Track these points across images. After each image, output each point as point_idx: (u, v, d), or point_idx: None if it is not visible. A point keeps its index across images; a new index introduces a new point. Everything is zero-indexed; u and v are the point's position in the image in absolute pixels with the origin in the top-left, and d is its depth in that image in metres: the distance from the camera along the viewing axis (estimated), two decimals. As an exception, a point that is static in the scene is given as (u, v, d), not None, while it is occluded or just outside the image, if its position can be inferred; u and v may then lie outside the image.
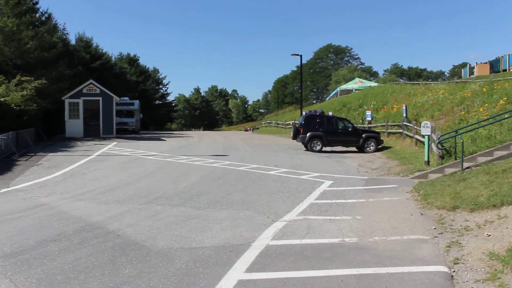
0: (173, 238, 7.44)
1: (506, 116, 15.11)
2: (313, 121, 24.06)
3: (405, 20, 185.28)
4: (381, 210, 9.58)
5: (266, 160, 19.18)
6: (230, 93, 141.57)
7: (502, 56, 42.42)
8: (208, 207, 10.04)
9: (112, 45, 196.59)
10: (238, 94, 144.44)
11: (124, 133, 37.94)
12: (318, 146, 23.59)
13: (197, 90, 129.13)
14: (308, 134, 23.59)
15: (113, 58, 64.04)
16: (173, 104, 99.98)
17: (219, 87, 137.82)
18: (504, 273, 5.47)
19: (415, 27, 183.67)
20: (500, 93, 19.79)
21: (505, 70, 40.09)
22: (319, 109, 27.70)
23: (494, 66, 43.53)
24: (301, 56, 42.10)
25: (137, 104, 43.18)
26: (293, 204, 10.31)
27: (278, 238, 7.42)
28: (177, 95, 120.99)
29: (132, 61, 74.84)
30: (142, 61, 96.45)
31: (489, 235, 7.02)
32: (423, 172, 14.44)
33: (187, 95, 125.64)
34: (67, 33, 40.28)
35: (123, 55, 74.62)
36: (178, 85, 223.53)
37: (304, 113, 27.84)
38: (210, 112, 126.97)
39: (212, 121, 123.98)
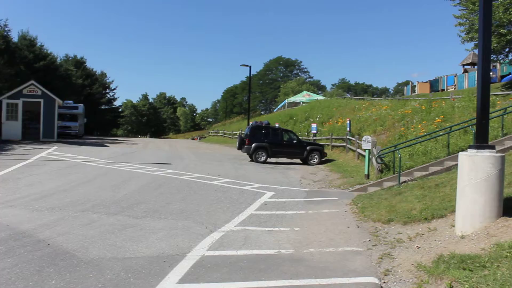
0: (106, 248, 7.22)
1: (441, 133, 15.79)
2: (258, 132, 24.23)
3: (354, 39, 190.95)
4: (320, 222, 9.71)
5: (210, 170, 19.09)
6: (178, 100, 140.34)
7: (441, 77, 44.38)
8: (146, 216, 9.83)
9: (59, 47, 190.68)
10: (187, 102, 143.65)
11: (66, 137, 36.77)
12: (263, 157, 23.73)
13: (145, 97, 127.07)
14: (253, 145, 23.71)
15: (58, 59, 61.85)
16: (120, 110, 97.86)
17: (167, 94, 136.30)
18: (429, 283, 5.64)
19: (363, 46, 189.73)
20: (437, 111, 20.65)
21: (443, 90, 41.94)
22: (265, 120, 27.93)
23: (434, 85, 45.44)
24: (250, 67, 42.45)
25: (82, 108, 41.96)
26: (233, 214, 10.28)
27: (214, 249, 7.35)
28: (125, 101, 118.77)
29: (79, 63, 72.60)
30: (89, 64, 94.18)
31: (419, 247, 7.25)
32: (363, 185, 14.81)
33: (135, 101, 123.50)
34: (9, 30, 38.42)
35: (69, 57, 72.34)
36: (126, 91, 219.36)
37: (250, 123, 28.00)
38: (158, 119, 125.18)
39: (160, 129, 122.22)
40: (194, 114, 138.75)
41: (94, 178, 15.37)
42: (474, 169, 7.07)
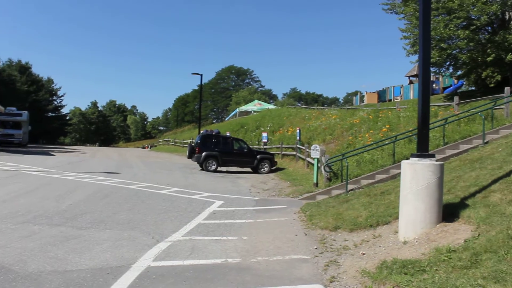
0: (46, 261, 6.93)
1: (387, 142, 16.23)
2: (209, 141, 24.14)
3: (306, 49, 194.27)
4: (268, 231, 9.72)
5: (159, 179, 18.81)
6: (129, 108, 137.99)
7: (388, 87, 45.79)
8: (91, 226, 9.53)
9: (4, 52, 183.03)
10: (137, 110, 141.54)
11: (8, 145, 35.35)
12: (213, 166, 23.64)
13: (94, 104, 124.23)
14: (203, 154, 23.58)
15: (0, 63, 59.50)
16: (68, 118, 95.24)
17: (118, 102, 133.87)
18: (373, 289, 5.76)
19: (315, 56, 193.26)
20: (384, 121, 21.26)
21: (390, 100, 43.27)
22: (215, 129, 27.92)
23: (381, 95, 46.80)
24: (201, 75, 42.32)
25: (26, 115, 40.41)
26: (181, 224, 10.14)
27: (161, 259, 7.21)
28: (73, 108, 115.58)
29: (24, 69, 70.12)
30: (35, 70, 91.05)
31: (364, 254, 7.38)
32: (311, 193, 14.98)
33: (83, 109, 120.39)
34: None
35: (13, 62, 69.71)
36: (75, 98, 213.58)
37: (201, 132, 27.88)
38: (107, 127, 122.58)
39: (109, 137, 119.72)
40: (145, 123, 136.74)
41: (37, 188, 14.80)
42: (415, 177, 7.30)
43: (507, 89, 17.94)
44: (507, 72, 29.05)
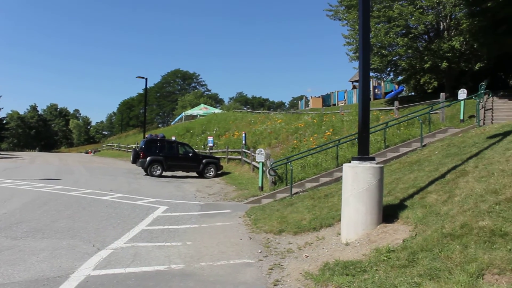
0: (-24, 274, 6.56)
1: (331, 146, 16.55)
2: (153, 146, 23.78)
3: (252, 52, 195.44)
4: (212, 235, 9.66)
5: (101, 185, 18.31)
6: (71, 112, 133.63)
7: (333, 92, 46.79)
8: (27, 236, 9.12)
9: None
10: (80, 114, 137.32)
11: None
12: (158, 171, 23.29)
13: (33, 108, 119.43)
14: (148, 159, 23.20)
15: None
16: (4, 122, 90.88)
17: (59, 106, 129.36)
18: (316, 291, 5.83)
19: (261, 60, 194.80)
20: (328, 125, 21.68)
21: (334, 105, 44.21)
22: (160, 133, 27.52)
23: (326, 100, 47.75)
24: (146, 79, 41.65)
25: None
26: (123, 231, 9.89)
27: (101, 268, 6.98)
28: (10, 112, 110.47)
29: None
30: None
31: (307, 256, 7.47)
32: (257, 197, 15.03)
33: (21, 112, 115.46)
34: None
35: None
36: (12, 101, 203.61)
37: (146, 136, 27.43)
38: (48, 132, 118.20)
39: (50, 142, 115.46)
40: (89, 127, 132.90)
41: (-31, 196, 14.05)
42: (356, 180, 7.47)
43: (442, 94, 18.77)
44: (443, 79, 30.43)
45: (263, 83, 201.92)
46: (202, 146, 33.55)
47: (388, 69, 29.88)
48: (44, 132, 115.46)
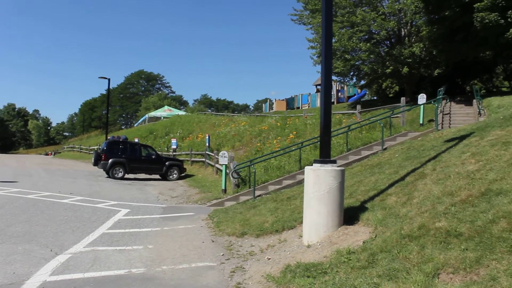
0: None
1: (294, 148, 16.69)
2: (115, 147, 23.40)
3: (217, 54, 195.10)
4: (175, 239, 9.56)
5: (61, 188, 17.87)
6: (30, 113, 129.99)
7: (297, 95, 47.19)
8: (-21, 241, 8.80)
9: None
10: (40, 114, 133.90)
11: None
12: (120, 173, 22.93)
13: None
14: (110, 161, 22.80)
15: None
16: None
17: (17, 106, 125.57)
18: (277, 293, 5.86)
19: (227, 63, 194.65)
20: (291, 128, 21.85)
21: (298, 108, 44.60)
22: (123, 135, 27.12)
23: (290, 103, 48.11)
24: (109, 79, 40.92)
25: None
26: (83, 234, 9.67)
27: (58, 273, 6.80)
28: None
29: None
30: None
31: (269, 259, 7.50)
32: (220, 200, 14.99)
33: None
34: None
35: None
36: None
37: (108, 138, 26.98)
38: (5, 132, 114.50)
39: (7, 143, 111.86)
40: (49, 128, 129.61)
41: None
42: (318, 182, 7.54)
43: (403, 99, 19.20)
44: (404, 84, 31.16)
45: (228, 85, 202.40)
46: (166, 149, 33.22)
47: (351, 73, 30.36)
48: (1, 132, 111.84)
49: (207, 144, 26.03)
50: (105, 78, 40.86)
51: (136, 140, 32.93)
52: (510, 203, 5.99)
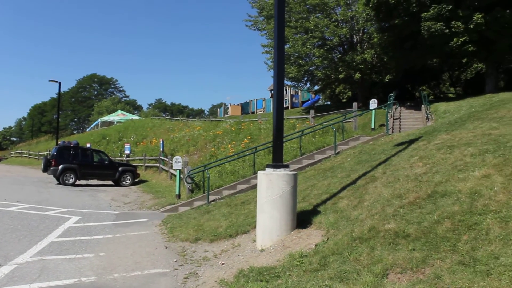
0: None
1: (248, 153, 16.74)
2: (66, 153, 22.75)
3: (172, 58, 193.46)
4: (127, 246, 9.39)
5: (8, 195, 17.20)
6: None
7: (251, 100, 47.38)
8: None
9: None
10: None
11: None
12: (71, 179, 22.31)
13: None
14: (60, 167, 22.15)
15: None
16: None
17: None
18: (230, 299, 5.84)
19: (182, 67, 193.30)
20: (246, 132, 21.91)
21: (253, 113, 44.79)
22: (74, 140, 26.41)
23: (245, 108, 48.25)
24: (60, 83, 39.71)
25: None
26: (30, 243, 9.33)
27: (2, 285, 6.53)
28: None
29: None
30: None
31: (223, 264, 7.48)
32: (174, 205, 14.84)
33: None
34: None
35: None
36: None
37: (59, 143, 26.21)
38: None
39: None
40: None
41: None
42: (271, 187, 7.59)
43: (355, 104, 19.63)
44: (356, 89, 31.90)
45: (184, 90, 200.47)
46: (119, 154, 32.59)
47: (305, 78, 30.82)
48: None
49: (161, 149, 25.72)
50: (56, 81, 39.65)
51: (88, 145, 32.13)
52: (454, 204, 6.23)
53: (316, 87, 34.01)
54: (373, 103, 18.39)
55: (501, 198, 5.92)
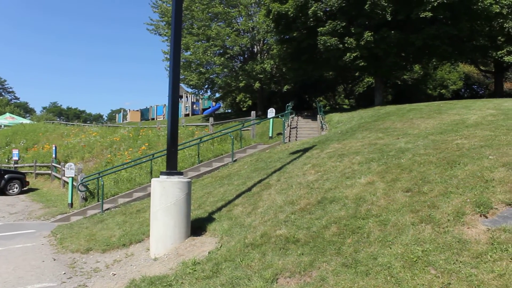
0: None
1: (145, 160, 16.38)
2: None
3: (70, 63, 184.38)
4: (9, 260, 8.73)
5: None
6: None
7: (152, 106, 46.47)
8: None
9: None
10: None
11: None
12: None
13: None
14: None
15: None
16: None
17: None
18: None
19: (78, 71, 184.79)
20: (144, 139, 21.45)
21: (153, 119, 43.95)
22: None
23: (145, 114, 47.22)
24: None
25: None
26: None
27: None
28: None
29: None
30: None
31: (115, 274, 7.24)
32: (65, 214, 14.09)
33: None
34: None
35: None
36: None
37: None
38: None
39: None
40: None
41: None
42: (164, 194, 7.50)
43: (253, 113, 20.03)
44: (256, 98, 32.58)
45: (81, 94, 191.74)
46: (6, 160, 30.26)
47: (206, 86, 30.87)
48: None
49: (53, 155, 24.30)
50: None
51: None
52: (340, 209, 6.58)
53: (217, 95, 34.23)
54: (271, 112, 18.87)
55: (382, 203, 6.36)
